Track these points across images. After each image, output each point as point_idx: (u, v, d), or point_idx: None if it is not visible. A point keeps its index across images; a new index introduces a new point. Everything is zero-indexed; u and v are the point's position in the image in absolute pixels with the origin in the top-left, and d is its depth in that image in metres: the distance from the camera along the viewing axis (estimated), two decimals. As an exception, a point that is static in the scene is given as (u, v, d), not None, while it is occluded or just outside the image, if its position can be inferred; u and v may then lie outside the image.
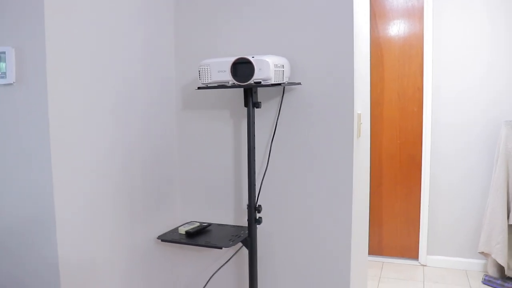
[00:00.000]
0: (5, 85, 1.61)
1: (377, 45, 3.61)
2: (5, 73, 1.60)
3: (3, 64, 1.60)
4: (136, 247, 2.02)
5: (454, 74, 3.42)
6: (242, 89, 2.09)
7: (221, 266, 2.25)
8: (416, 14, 3.49)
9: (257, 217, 1.93)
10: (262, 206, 2.03)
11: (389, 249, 3.76)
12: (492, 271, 3.24)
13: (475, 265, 3.48)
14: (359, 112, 2.12)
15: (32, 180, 1.59)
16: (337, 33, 1.93)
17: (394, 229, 3.73)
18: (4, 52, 1.59)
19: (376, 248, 3.80)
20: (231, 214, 2.21)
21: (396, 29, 3.55)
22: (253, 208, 1.90)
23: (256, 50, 2.07)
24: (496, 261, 3.17)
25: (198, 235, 2.02)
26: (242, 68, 1.75)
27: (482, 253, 3.31)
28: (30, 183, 1.60)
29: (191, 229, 2.05)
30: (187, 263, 2.34)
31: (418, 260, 3.67)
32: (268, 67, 1.72)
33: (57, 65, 1.57)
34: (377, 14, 3.60)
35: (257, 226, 2.12)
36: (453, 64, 3.42)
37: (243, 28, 2.10)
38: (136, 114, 1.99)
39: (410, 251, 3.70)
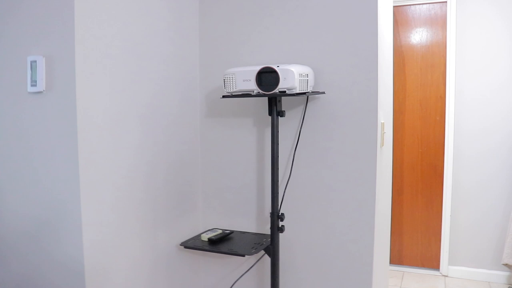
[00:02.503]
0: (35, 93, 1.66)
1: (399, 53, 3.59)
2: (36, 81, 1.64)
3: (35, 73, 1.64)
4: (159, 252, 2.04)
5: (477, 82, 3.38)
6: (266, 98, 2.10)
7: (243, 274, 2.25)
8: (439, 22, 3.47)
9: (280, 225, 1.93)
10: (284, 214, 2.03)
11: (410, 258, 3.72)
12: (516, 284, 3.18)
13: (499, 277, 3.41)
14: (382, 121, 2.11)
15: (60, 184, 1.63)
16: (362, 42, 1.93)
17: (415, 238, 3.69)
18: (35, 61, 1.63)
19: (397, 257, 3.76)
20: (253, 222, 2.22)
21: (419, 37, 3.53)
22: (276, 216, 1.91)
23: (280, 59, 2.09)
24: (521, 273, 3.11)
25: (220, 243, 2.03)
26: (267, 77, 1.76)
27: (506, 264, 3.25)
28: (58, 188, 1.63)
29: (214, 236, 2.06)
30: (209, 270, 2.35)
31: (439, 270, 3.62)
32: (293, 76, 1.73)
33: (86, 73, 1.61)
34: (399, 22, 3.58)
35: (280, 234, 2.12)
36: (476, 72, 3.38)
37: (268, 37, 2.11)
38: (161, 121, 2.02)
39: (431, 261, 3.65)
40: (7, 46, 1.71)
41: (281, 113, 1.88)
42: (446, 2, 3.43)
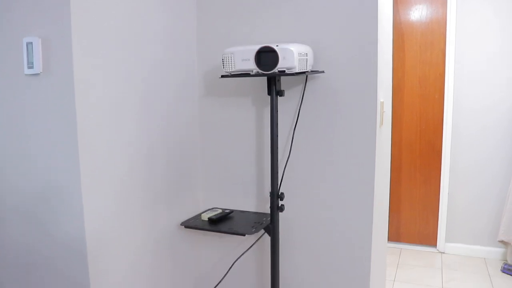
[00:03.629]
0: (32, 75, 1.64)
1: (399, 31, 3.56)
2: (32, 63, 1.63)
3: (31, 55, 1.62)
4: (160, 232, 2.06)
5: (476, 60, 3.37)
6: (265, 77, 2.09)
7: (244, 253, 2.28)
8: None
9: (280, 205, 1.95)
10: (284, 193, 2.05)
11: (407, 236, 3.77)
12: (512, 259, 3.23)
13: (494, 253, 3.46)
14: (382, 100, 2.10)
15: (59, 166, 1.63)
16: (361, 21, 1.91)
17: (413, 216, 3.72)
18: (31, 43, 1.61)
19: (395, 234, 3.80)
20: (253, 201, 2.24)
21: (418, 14, 3.49)
22: (276, 195, 1.92)
23: (280, 38, 2.07)
24: (517, 249, 3.16)
25: (220, 222, 2.05)
26: (266, 57, 1.75)
27: (501, 241, 3.29)
28: (57, 170, 1.64)
29: (214, 215, 2.08)
30: (210, 249, 2.38)
31: (436, 247, 3.67)
32: (292, 56, 1.71)
33: (83, 54, 1.59)
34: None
35: (279, 213, 2.14)
36: (475, 50, 3.36)
37: (267, 16, 2.09)
38: (160, 102, 2.01)
39: (428, 238, 3.70)
40: (2, 27, 1.68)
41: (280, 93, 1.87)
42: (446, -22, 3.39)
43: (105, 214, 1.73)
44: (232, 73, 1.86)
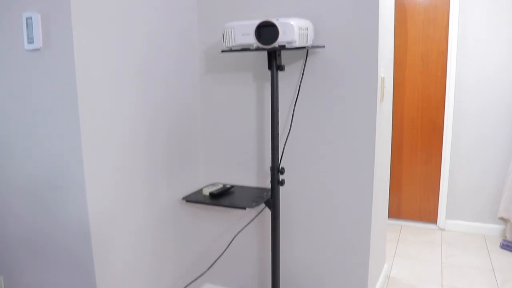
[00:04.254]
0: (33, 50, 1.65)
1: (401, 6, 3.52)
2: (32, 38, 1.63)
3: (31, 30, 1.62)
4: (162, 207, 2.08)
5: (479, 36, 3.33)
6: (265, 52, 2.08)
7: (245, 226, 2.31)
8: (442, -26, 3.38)
9: (280, 179, 1.96)
10: (284, 168, 2.06)
11: (408, 213, 3.79)
12: (511, 236, 3.25)
13: (494, 230, 3.49)
14: (382, 75, 2.10)
15: (62, 142, 1.65)
16: (362, -5, 1.90)
17: (414, 193, 3.74)
18: (30, 18, 1.61)
19: (395, 211, 3.83)
20: (254, 176, 2.25)
21: (421, -10, 3.45)
22: (276, 170, 1.93)
23: (280, 13, 2.06)
24: (516, 226, 3.18)
25: (221, 196, 2.07)
26: (266, 31, 1.74)
27: (501, 218, 3.32)
28: (60, 146, 1.65)
29: (215, 190, 2.10)
30: (211, 224, 2.41)
31: (436, 224, 3.69)
32: (293, 30, 1.71)
33: (82, 28, 1.59)
34: (401, -26, 3.49)
35: (280, 187, 2.16)
36: (479, 26, 3.33)
37: (266, -10, 2.07)
38: (161, 77, 2.02)
39: (429, 215, 3.72)
40: (1, 3, 1.68)
41: (280, 67, 1.87)
42: (450, -48, 3.33)
43: (107, 190, 1.75)
44: (232, 48, 1.86)
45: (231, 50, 1.86)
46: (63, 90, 1.60)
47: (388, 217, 3.85)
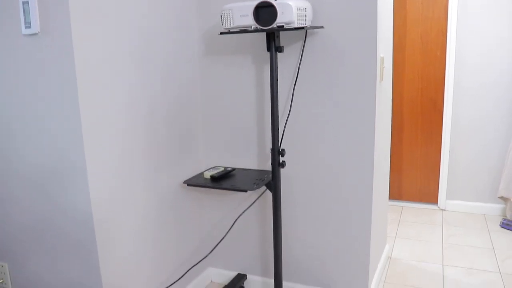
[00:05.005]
0: (30, 35, 1.64)
1: (400, -13, 3.49)
2: (29, 23, 1.62)
3: (28, 14, 1.61)
4: (164, 192, 2.09)
5: (479, 15, 3.31)
6: (264, 33, 2.07)
7: (247, 209, 2.32)
8: (441, -47, 3.34)
9: (281, 161, 1.97)
10: (285, 150, 2.07)
11: (408, 194, 3.81)
12: (511, 215, 3.27)
13: (494, 209, 3.51)
14: (382, 55, 2.09)
15: (61, 127, 1.64)
16: (361, -26, 1.88)
17: (414, 174, 3.76)
18: (27, 2, 1.60)
19: (396, 192, 3.85)
20: (255, 159, 2.26)
21: (420, -31, 3.42)
22: (277, 152, 1.94)
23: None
24: (516, 205, 3.20)
25: (223, 179, 2.08)
26: (264, 12, 1.73)
27: (501, 197, 3.33)
28: (60, 130, 1.65)
29: (216, 173, 2.10)
30: (213, 207, 2.42)
31: (437, 205, 3.71)
32: (291, 10, 1.70)
33: (80, 12, 1.58)
34: (400, -46, 3.46)
35: (281, 169, 2.16)
36: (479, 5, 3.30)
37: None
38: (159, 61, 2.01)
39: (429, 196, 3.74)
40: (-3, -14, 1.67)
41: (279, 49, 1.86)
42: None
43: (109, 176, 1.75)
44: (231, 30, 1.85)
45: (229, 32, 1.85)
46: (62, 76, 1.60)
47: (389, 198, 3.87)
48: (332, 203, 2.13)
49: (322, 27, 1.94)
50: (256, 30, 1.78)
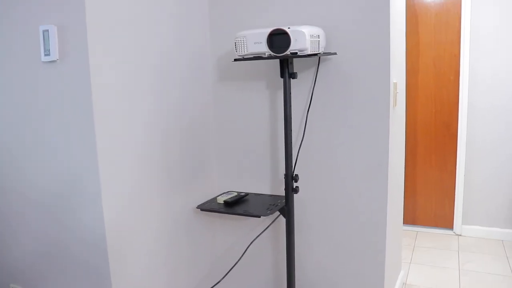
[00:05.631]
0: (49, 62, 1.68)
1: (412, 12, 3.51)
2: (49, 50, 1.66)
3: (47, 42, 1.65)
4: (177, 216, 2.09)
5: (492, 39, 3.31)
6: (278, 60, 2.09)
7: (259, 234, 2.31)
8: (453, -22, 3.37)
9: (294, 186, 1.96)
10: (298, 175, 2.06)
11: (423, 218, 3.76)
12: (530, 240, 3.21)
13: (511, 235, 3.44)
14: (395, 81, 2.10)
15: (77, 155, 1.67)
16: (373, 1, 1.90)
17: (429, 198, 3.71)
18: (47, 30, 1.64)
19: (411, 217, 3.80)
20: (268, 184, 2.26)
21: (432, -6, 3.45)
22: (290, 177, 1.94)
23: (292, 20, 2.07)
24: (534, 230, 3.13)
25: (236, 205, 2.08)
26: (278, 39, 1.75)
27: (519, 222, 3.27)
28: (75, 155, 1.67)
29: (229, 198, 2.10)
30: (226, 232, 2.41)
31: (453, 230, 3.65)
32: (304, 37, 1.71)
33: (98, 41, 1.62)
34: (412, -20, 3.49)
35: (294, 195, 2.15)
36: (492, 29, 3.31)
37: (277, -1, 2.09)
38: (174, 87, 2.04)
39: (444, 221, 3.68)
40: (19, 15, 1.72)
41: (293, 75, 1.88)
42: (461, -44, 3.32)
43: (123, 201, 1.76)
44: (245, 57, 1.87)
45: (243, 59, 1.87)
46: (79, 102, 1.63)
47: (404, 223, 3.82)
48: (346, 227, 2.11)
49: (335, 53, 1.96)
50: (270, 57, 1.80)
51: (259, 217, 1.92)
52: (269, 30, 1.76)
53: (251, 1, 2.15)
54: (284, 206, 1.98)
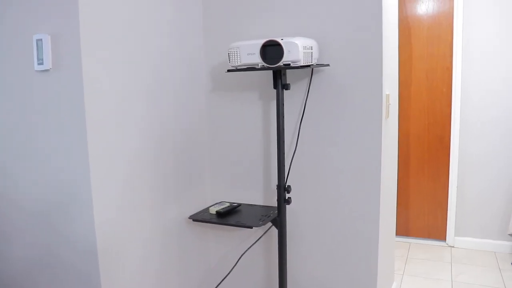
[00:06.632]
0: (42, 71, 1.68)
1: (405, 25, 3.55)
2: (42, 59, 1.66)
3: (41, 51, 1.65)
4: (169, 226, 2.08)
5: (484, 52, 3.35)
6: (271, 71, 2.10)
7: (252, 245, 2.30)
8: (445, -8, 3.41)
9: (287, 197, 1.96)
10: (291, 186, 2.06)
11: (416, 230, 3.76)
12: (522, 253, 3.21)
13: (504, 247, 3.45)
14: (387, 93, 2.11)
15: (69, 163, 1.66)
16: (366, 13, 1.92)
17: (422, 210, 3.72)
18: (40, 40, 1.65)
19: (403, 228, 3.80)
20: (260, 195, 2.26)
21: (425, 7, 3.48)
22: (283, 188, 1.94)
23: (285, 32, 2.08)
24: (526, 242, 3.14)
25: (228, 215, 2.07)
26: (271, 51, 1.76)
27: (511, 235, 3.28)
28: (68, 164, 1.67)
29: (222, 209, 2.10)
30: (219, 242, 2.40)
31: (445, 241, 3.65)
32: (297, 49, 1.73)
33: (91, 50, 1.62)
34: (405, -7, 3.53)
35: (286, 206, 2.15)
36: (483, 42, 3.34)
37: (271, 10, 2.10)
38: (167, 97, 2.04)
39: (437, 232, 3.69)
40: (13, 24, 1.72)
41: (286, 86, 1.89)
42: (453, -29, 3.37)
43: (114, 209, 1.76)
44: (238, 67, 1.88)
45: (237, 70, 1.88)
46: (72, 111, 1.63)
47: (397, 234, 3.82)
48: (338, 238, 2.11)
49: (328, 65, 1.97)
50: (263, 68, 1.81)
51: (252, 228, 1.91)
52: (262, 41, 1.78)
53: (244, 13, 2.16)
54: (276, 217, 1.98)
